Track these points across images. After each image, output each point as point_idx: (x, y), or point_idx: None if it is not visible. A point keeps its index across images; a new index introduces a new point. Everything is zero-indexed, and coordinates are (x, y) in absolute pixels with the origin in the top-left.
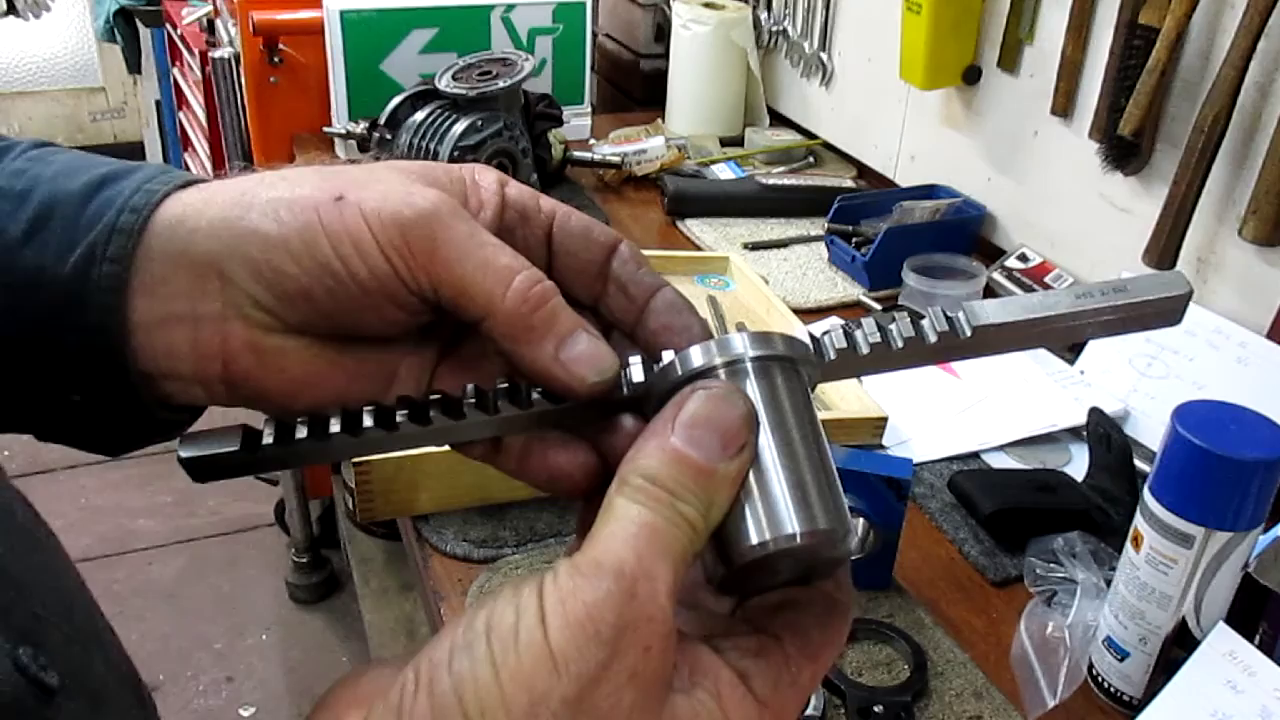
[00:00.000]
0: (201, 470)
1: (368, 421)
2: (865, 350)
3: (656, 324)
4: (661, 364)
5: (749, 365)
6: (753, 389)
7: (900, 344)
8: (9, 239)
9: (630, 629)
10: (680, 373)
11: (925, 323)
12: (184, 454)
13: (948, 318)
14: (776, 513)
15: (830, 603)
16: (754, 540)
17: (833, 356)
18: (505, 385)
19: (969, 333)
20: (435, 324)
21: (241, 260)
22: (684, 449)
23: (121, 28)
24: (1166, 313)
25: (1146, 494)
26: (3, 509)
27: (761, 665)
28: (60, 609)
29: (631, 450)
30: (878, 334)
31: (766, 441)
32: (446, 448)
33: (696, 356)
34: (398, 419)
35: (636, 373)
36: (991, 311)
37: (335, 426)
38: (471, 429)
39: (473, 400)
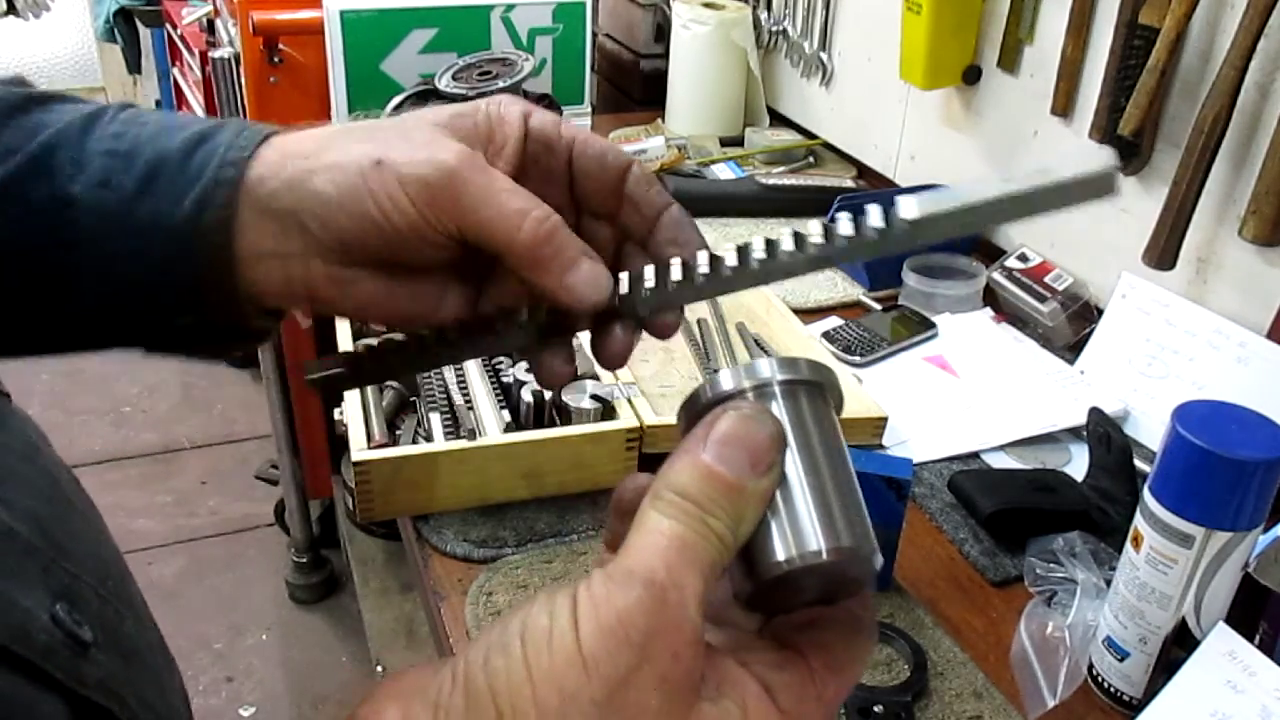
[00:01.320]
0: (326, 388)
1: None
2: (813, 250)
3: (664, 236)
4: (694, 389)
5: (776, 389)
6: (780, 411)
7: (844, 241)
8: (125, 193)
9: (660, 635)
10: (711, 395)
11: (865, 220)
12: (311, 376)
13: (885, 212)
14: (802, 530)
15: (855, 621)
16: (780, 556)
17: (783, 257)
18: (528, 306)
19: (907, 226)
20: (473, 257)
21: (310, 215)
22: (715, 465)
23: (121, 28)
24: (1096, 188)
25: (1146, 494)
26: (50, 477)
27: (787, 679)
28: (96, 573)
29: (664, 466)
30: (821, 234)
31: (793, 462)
32: (447, 447)
33: (726, 380)
34: (450, 337)
35: (622, 287)
36: (924, 204)
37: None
38: (501, 343)
39: (502, 319)
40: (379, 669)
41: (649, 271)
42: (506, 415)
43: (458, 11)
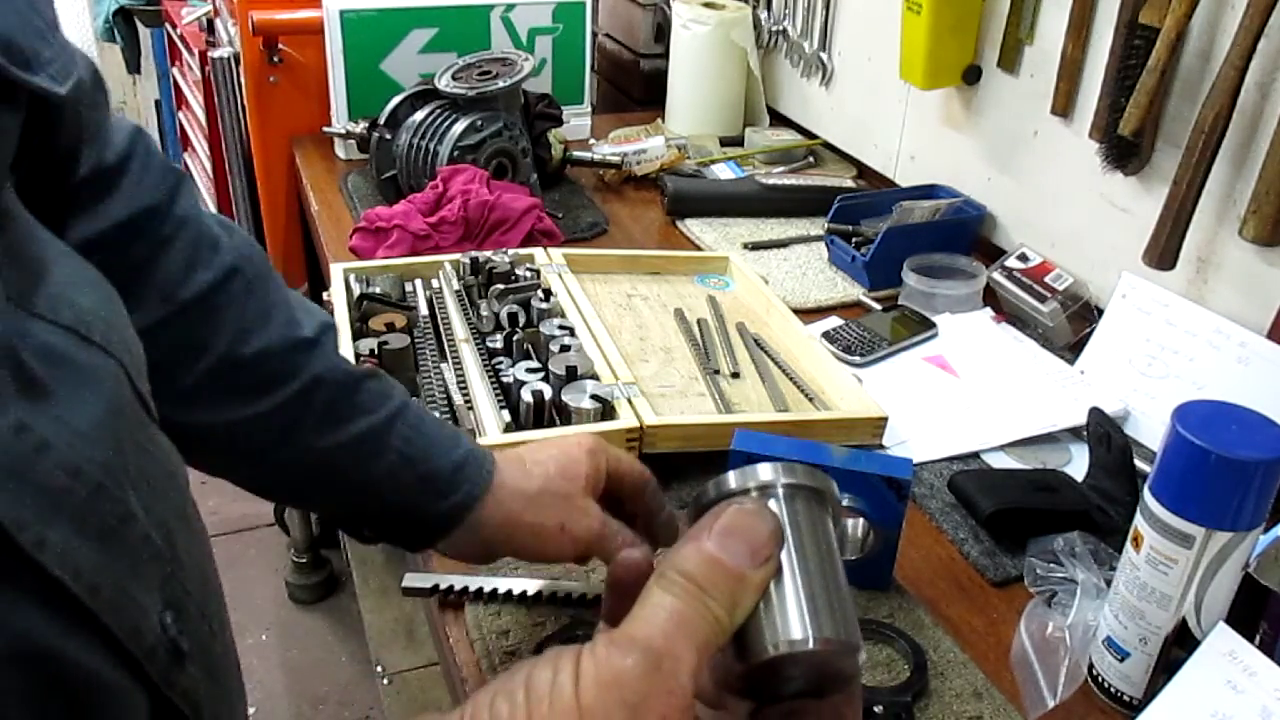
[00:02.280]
0: (409, 592)
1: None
2: None
3: (658, 531)
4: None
5: (779, 490)
6: (780, 511)
7: None
8: (405, 486)
9: (652, 698)
10: (717, 492)
11: None
12: (406, 584)
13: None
14: (790, 621)
15: (837, 715)
16: (769, 642)
17: None
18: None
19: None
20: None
21: (508, 551)
22: (717, 553)
23: (121, 28)
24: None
25: (1146, 494)
26: (183, 497)
27: None
28: (199, 590)
29: (671, 551)
30: None
31: (788, 558)
32: None
33: (733, 480)
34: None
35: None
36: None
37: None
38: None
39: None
40: (378, 669)
41: None
42: (506, 415)
43: (458, 11)
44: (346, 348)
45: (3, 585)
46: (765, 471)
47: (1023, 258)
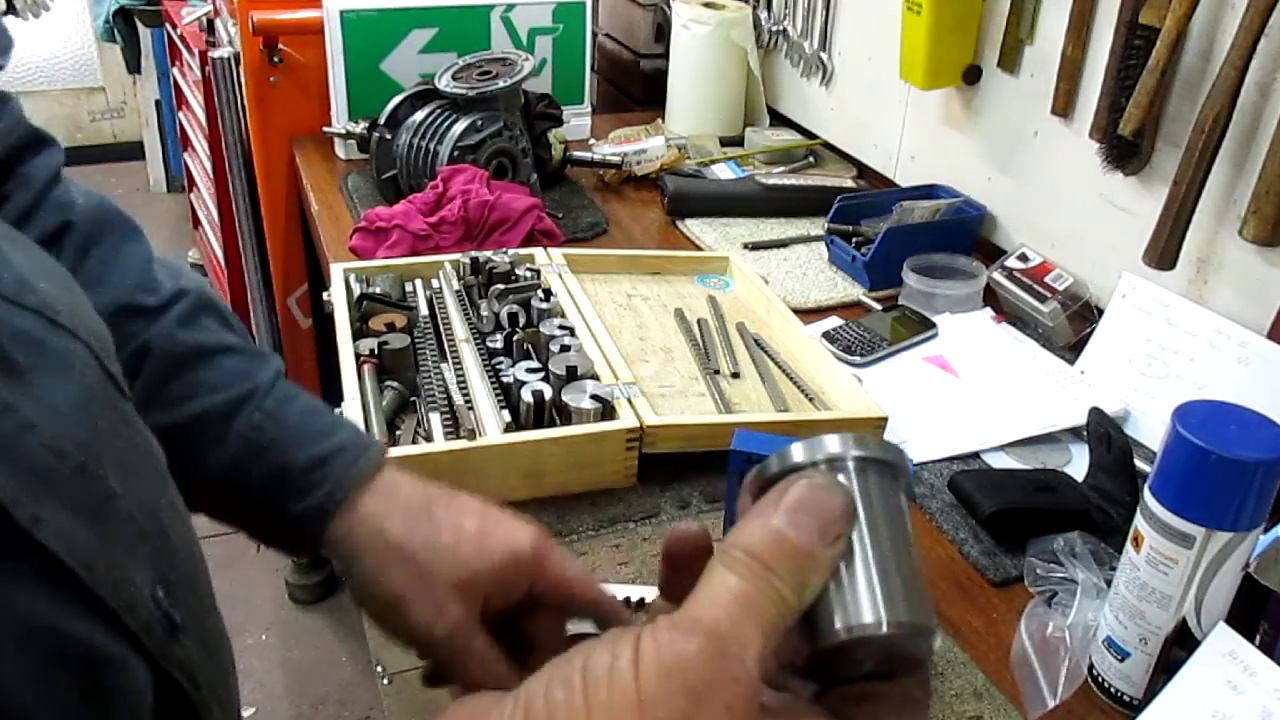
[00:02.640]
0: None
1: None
2: None
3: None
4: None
5: (850, 464)
6: (851, 486)
7: None
8: (250, 481)
9: (717, 685)
10: (782, 465)
11: None
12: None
13: None
14: (861, 603)
15: (908, 698)
16: (839, 625)
17: None
18: None
19: None
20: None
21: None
22: (786, 530)
23: (121, 28)
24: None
25: (1146, 494)
26: (164, 479)
27: None
28: (187, 568)
29: (735, 528)
30: None
31: (859, 536)
32: (447, 447)
33: (799, 452)
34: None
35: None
36: None
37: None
38: None
39: None
40: (378, 669)
41: None
42: (506, 415)
43: (458, 11)
44: (347, 348)
45: (4, 565)
46: (834, 443)
47: (1023, 258)
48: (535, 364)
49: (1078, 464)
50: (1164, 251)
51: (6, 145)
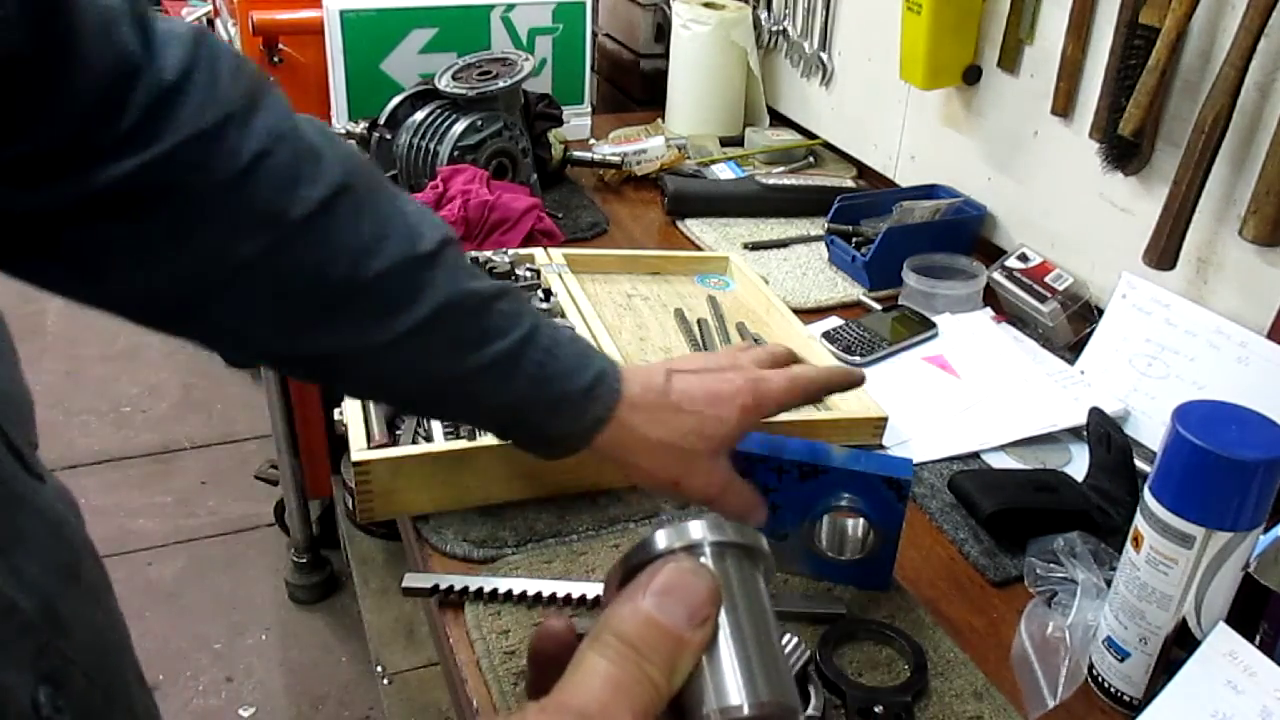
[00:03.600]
0: (409, 592)
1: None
2: None
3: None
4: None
5: (707, 549)
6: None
7: None
8: (538, 413)
9: None
10: (646, 553)
11: None
12: (406, 584)
13: None
14: (725, 686)
15: None
16: (705, 709)
17: None
18: None
19: None
20: None
21: (624, 473)
22: (655, 614)
23: None
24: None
25: (1146, 494)
26: (71, 553)
27: None
28: (94, 657)
29: (605, 612)
30: None
31: (722, 619)
32: (447, 447)
33: (660, 540)
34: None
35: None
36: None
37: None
38: None
39: None
40: (378, 669)
41: None
42: None
43: (458, 11)
44: None
45: None
46: (694, 530)
47: (1023, 258)
48: None
49: (1078, 464)
50: (1164, 251)
51: (241, 92)
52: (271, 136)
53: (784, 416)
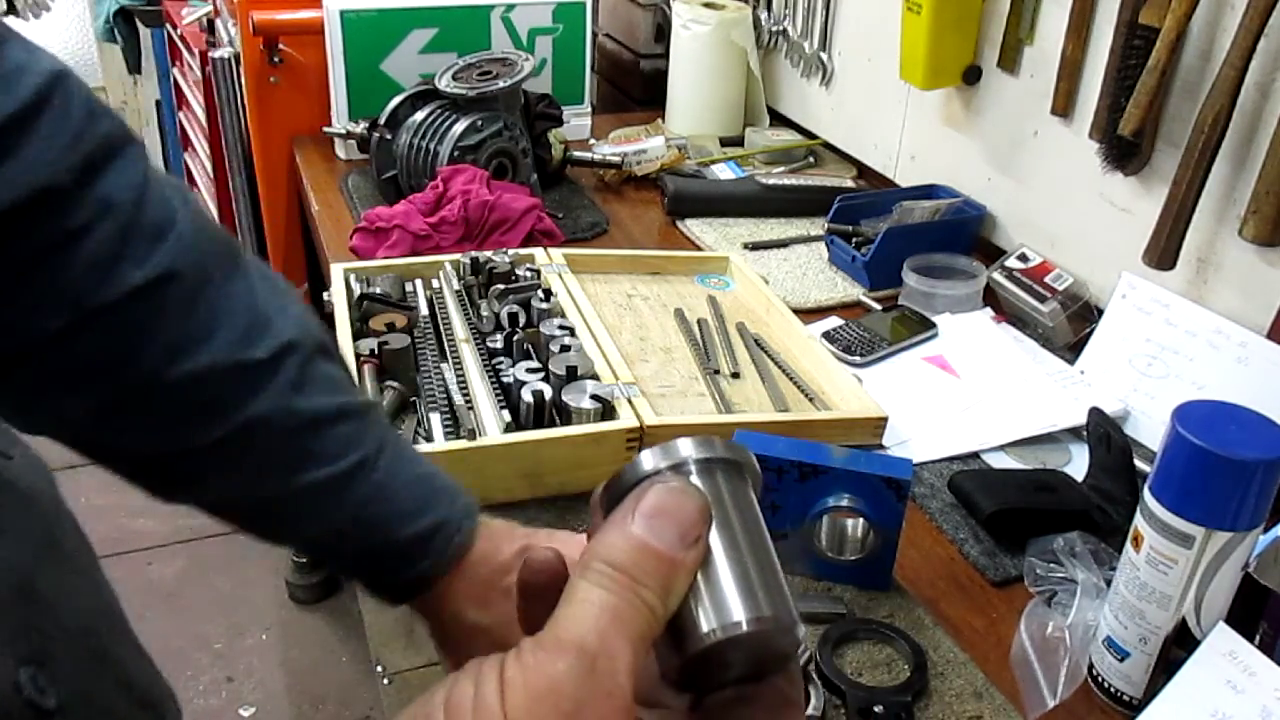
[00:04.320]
0: None
1: None
2: None
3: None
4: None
5: (692, 466)
6: (700, 487)
7: None
8: (354, 547)
9: (590, 703)
10: (633, 475)
11: None
12: None
13: None
14: (724, 603)
15: (781, 697)
16: (705, 629)
17: None
18: None
19: None
20: None
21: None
22: (646, 537)
23: (121, 28)
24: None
25: (1146, 494)
26: (45, 527)
27: None
28: (76, 629)
29: (593, 540)
30: None
31: (714, 537)
32: (447, 447)
33: (647, 461)
34: None
35: None
36: None
37: None
38: None
39: None
40: (378, 669)
41: None
42: (506, 415)
43: (458, 11)
44: (347, 348)
45: None
46: (682, 447)
47: (1023, 258)
48: (535, 364)
49: (1078, 464)
50: (1164, 251)
51: (75, 160)
52: (100, 207)
53: (783, 416)
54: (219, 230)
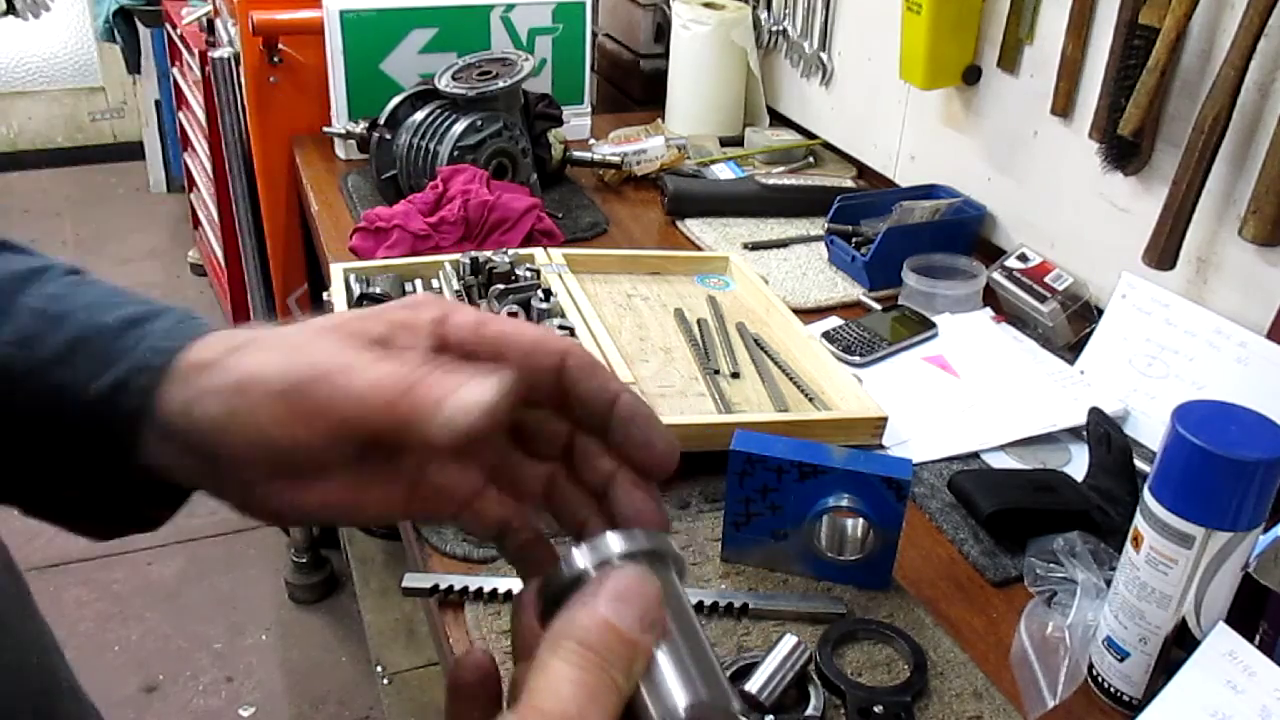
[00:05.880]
0: (409, 592)
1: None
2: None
3: (618, 432)
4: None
5: (619, 562)
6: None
7: None
8: (41, 358)
9: None
10: (569, 573)
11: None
12: (406, 584)
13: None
14: (672, 688)
15: None
16: (656, 714)
17: None
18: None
19: None
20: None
21: (200, 442)
22: (613, 619)
23: (121, 28)
24: None
25: (1146, 494)
26: None
27: None
28: (16, 700)
29: (560, 620)
30: None
31: None
32: None
33: (579, 559)
34: None
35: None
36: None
37: None
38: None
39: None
40: (378, 669)
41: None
42: None
43: (458, 11)
44: None
45: None
46: (611, 543)
47: (1023, 258)
48: None
49: (1078, 464)
50: (1164, 251)
51: None
52: None
53: (783, 416)
54: None
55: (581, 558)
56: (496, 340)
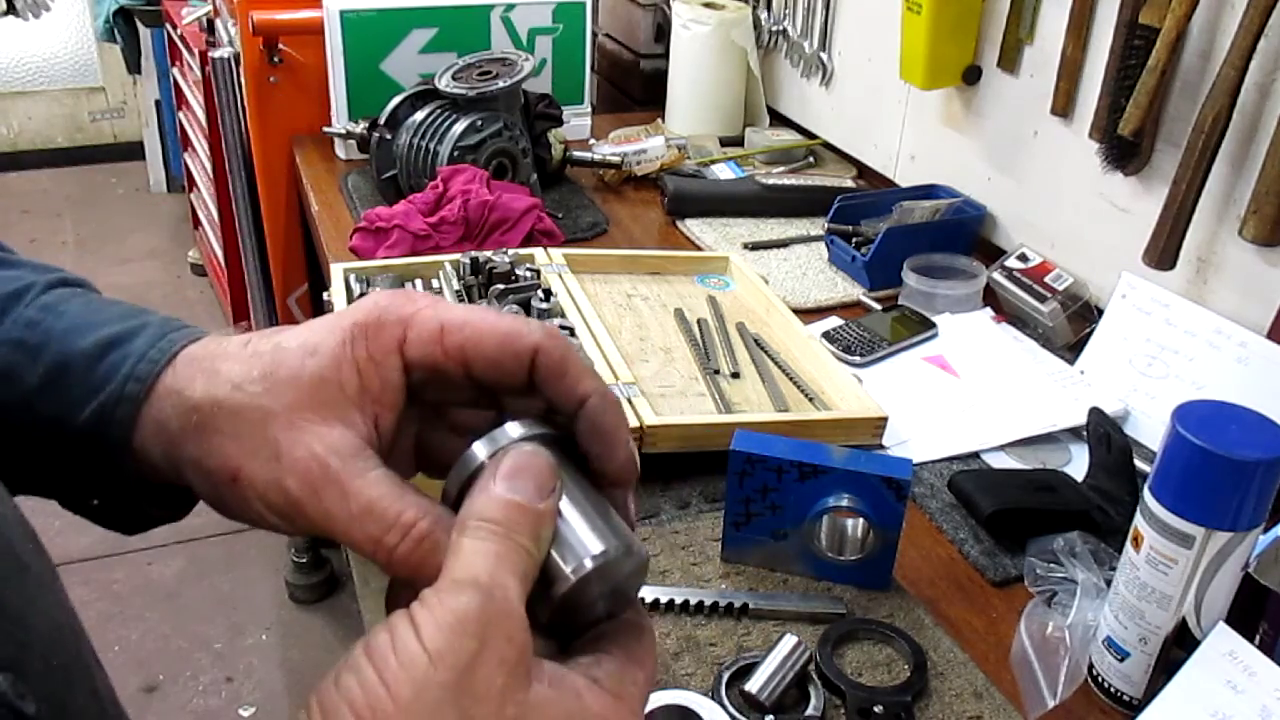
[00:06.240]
0: None
1: None
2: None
3: (585, 430)
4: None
5: (519, 445)
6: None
7: None
8: (27, 387)
9: (493, 624)
10: (471, 462)
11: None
12: None
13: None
14: (585, 539)
15: (635, 626)
16: (568, 569)
17: None
18: None
19: None
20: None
21: (191, 473)
22: (509, 495)
23: (121, 28)
24: None
25: (1146, 494)
26: (7, 545)
27: (607, 669)
28: (47, 638)
29: (463, 509)
30: None
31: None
32: None
33: (480, 448)
34: None
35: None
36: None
37: None
38: None
39: None
40: None
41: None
42: None
43: (458, 11)
44: None
45: None
46: (509, 431)
47: (1023, 258)
48: None
49: (1078, 464)
50: (1164, 251)
51: None
52: None
53: (783, 416)
54: None
55: (481, 449)
56: (459, 351)
